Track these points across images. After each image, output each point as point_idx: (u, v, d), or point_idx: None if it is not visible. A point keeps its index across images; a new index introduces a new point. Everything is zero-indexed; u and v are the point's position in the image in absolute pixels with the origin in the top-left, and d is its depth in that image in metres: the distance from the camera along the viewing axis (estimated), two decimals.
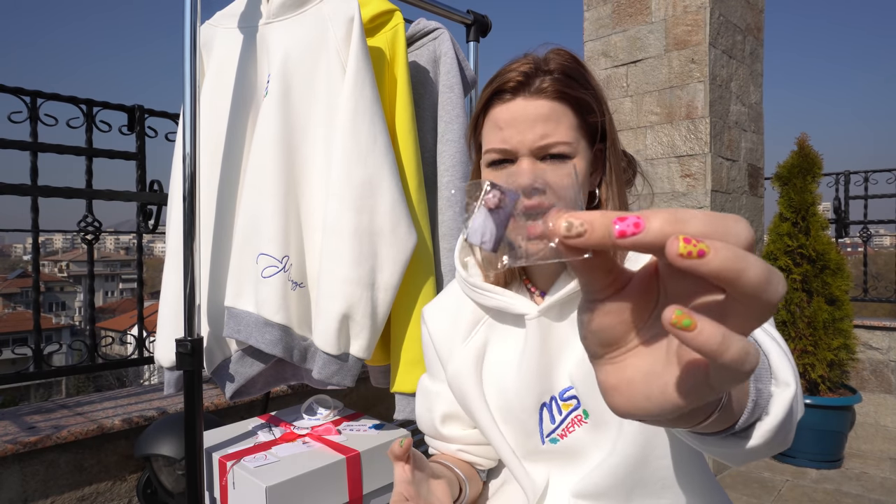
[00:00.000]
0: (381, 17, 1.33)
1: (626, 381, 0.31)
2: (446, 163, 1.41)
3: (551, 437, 0.77)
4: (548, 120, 0.70)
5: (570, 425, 0.77)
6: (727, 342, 0.24)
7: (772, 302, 0.25)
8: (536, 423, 0.77)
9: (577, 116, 0.72)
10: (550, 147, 0.70)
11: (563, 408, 0.77)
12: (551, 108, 0.70)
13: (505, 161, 0.73)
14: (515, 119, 0.70)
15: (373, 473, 1.22)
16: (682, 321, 0.24)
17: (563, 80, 0.71)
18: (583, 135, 0.73)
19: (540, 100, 0.70)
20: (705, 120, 2.84)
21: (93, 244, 1.78)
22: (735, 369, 0.25)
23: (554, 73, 0.71)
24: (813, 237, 3.11)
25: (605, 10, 3.18)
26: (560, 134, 0.70)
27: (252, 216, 1.21)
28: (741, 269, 0.24)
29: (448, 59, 1.44)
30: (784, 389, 0.44)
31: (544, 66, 0.72)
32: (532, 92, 0.70)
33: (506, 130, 0.71)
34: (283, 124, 1.21)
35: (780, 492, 2.74)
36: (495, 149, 0.72)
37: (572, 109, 0.72)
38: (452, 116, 1.41)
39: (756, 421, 0.44)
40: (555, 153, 0.71)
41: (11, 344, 21.56)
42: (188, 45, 1.11)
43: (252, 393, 1.37)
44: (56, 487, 1.42)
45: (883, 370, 3.27)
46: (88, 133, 1.75)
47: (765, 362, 0.45)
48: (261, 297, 1.18)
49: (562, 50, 0.75)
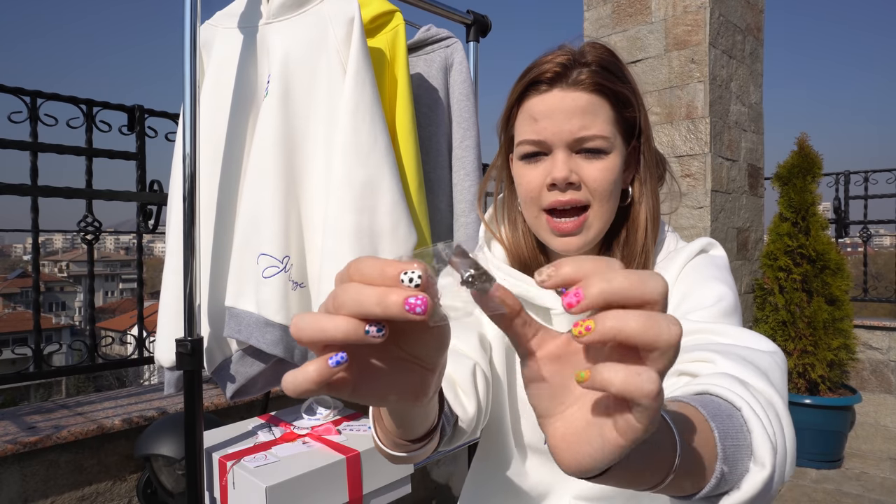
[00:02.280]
0: (382, 17, 1.34)
1: (572, 432, 0.33)
2: (467, 167, 1.47)
3: None
4: (585, 112, 0.68)
5: None
6: (627, 382, 0.28)
7: (667, 345, 0.29)
8: None
9: (614, 110, 0.70)
10: (587, 140, 0.68)
11: None
12: (589, 101, 0.68)
13: (539, 153, 0.71)
14: (552, 110, 0.68)
15: (373, 473, 1.22)
16: (578, 376, 0.30)
17: (600, 72, 0.69)
18: (619, 130, 0.71)
19: (577, 91, 0.68)
20: (705, 120, 2.84)
21: (93, 244, 1.78)
22: (640, 403, 0.28)
23: (591, 65, 0.69)
24: (813, 237, 3.11)
25: (605, 10, 3.18)
26: (597, 127, 0.68)
27: (252, 216, 1.22)
28: (620, 328, 0.29)
29: (463, 69, 1.50)
30: (760, 470, 0.44)
31: (581, 58, 0.69)
32: (570, 83, 0.68)
33: (541, 122, 0.69)
34: (284, 124, 1.21)
35: (780, 492, 2.74)
36: (529, 140, 0.70)
37: (609, 103, 0.70)
38: (471, 123, 1.48)
39: (725, 493, 0.44)
40: (591, 147, 0.69)
41: (11, 344, 21.56)
42: (188, 45, 1.11)
43: (252, 393, 1.37)
44: (56, 487, 1.42)
45: (883, 370, 3.27)
46: (88, 133, 1.74)
47: (746, 439, 0.45)
48: (262, 297, 1.18)
49: (597, 43, 0.73)
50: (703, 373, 0.53)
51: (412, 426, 0.46)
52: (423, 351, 0.35)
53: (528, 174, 0.71)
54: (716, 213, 2.88)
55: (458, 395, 0.62)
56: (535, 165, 0.71)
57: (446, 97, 1.52)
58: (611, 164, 0.69)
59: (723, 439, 0.43)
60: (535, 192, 0.71)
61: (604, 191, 0.69)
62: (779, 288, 3.15)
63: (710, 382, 0.50)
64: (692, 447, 0.40)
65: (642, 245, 0.73)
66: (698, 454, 0.40)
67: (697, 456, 0.40)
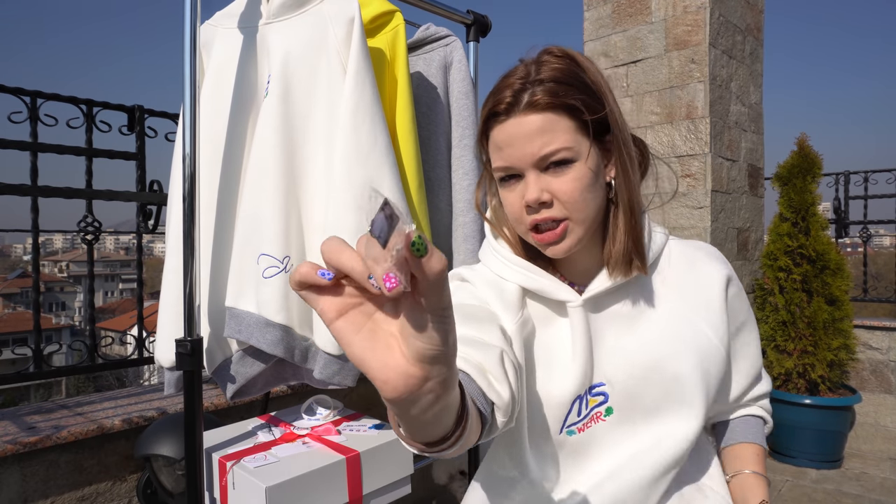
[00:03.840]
0: (382, 17, 1.34)
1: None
2: (465, 167, 1.47)
3: (569, 429, 0.78)
4: (544, 131, 0.71)
5: (591, 420, 0.77)
6: None
7: None
8: (565, 414, 0.77)
9: (572, 119, 0.72)
10: (551, 155, 0.71)
11: (590, 402, 0.77)
12: (544, 120, 0.71)
13: (513, 177, 0.74)
14: (512, 137, 0.72)
15: (373, 473, 1.22)
16: None
17: (553, 87, 0.70)
18: (584, 134, 0.72)
19: (532, 115, 0.71)
20: (705, 120, 2.84)
21: (93, 244, 1.78)
22: None
23: (545, 82, 0.71)
24: (813, 237, 3.11)
25: (605, 10, 3.18)
26: (559, 141, 0.71)
27: (253, 216, 1.21)
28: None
29: (462, 67, 1.50)
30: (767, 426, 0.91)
31: (535, 76, 0.71)
32: (523, 108, 0.71)
33: (505, 150, 0.73)
34: (284, 124, 1.21)
35: (780, 492, 2.74)
36: (500, 167, 0.74)
37: (567, 114, 0.71)
38: (469, 122, 1.48)
39: None
40: (557, 160, 0.71)
41: (11, 344, 21.55)
42: (188, 44, 1.11)
43: (252, 393, 1.37)
44: (56, 487, 1.42)
45: (883, 370, 3.27)
46: (88, 133, 1.75)
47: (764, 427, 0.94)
48: (262, 297, 1.18)
49: (553, 50, 0.75)
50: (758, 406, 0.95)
51: (421, 430, 0.45)
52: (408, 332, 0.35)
53: (508, 197, 0.76)
54: (716, 213, 2.88)
55: (491, 382, 0.63)
56: (512, 188, 0.75)
57: (445, 96, 1.52)
58: (580, 173, 0.72)
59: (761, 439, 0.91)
60: (517, 213, 0.75)
61: (576, 201, 0.72)
62: (779, 288, 3.15)
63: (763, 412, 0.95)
64: None
65: (628, 230, 0.76)
66: None
67: None
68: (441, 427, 0.46)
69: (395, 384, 0.35)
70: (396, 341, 0.35)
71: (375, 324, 0.36)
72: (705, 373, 0.78)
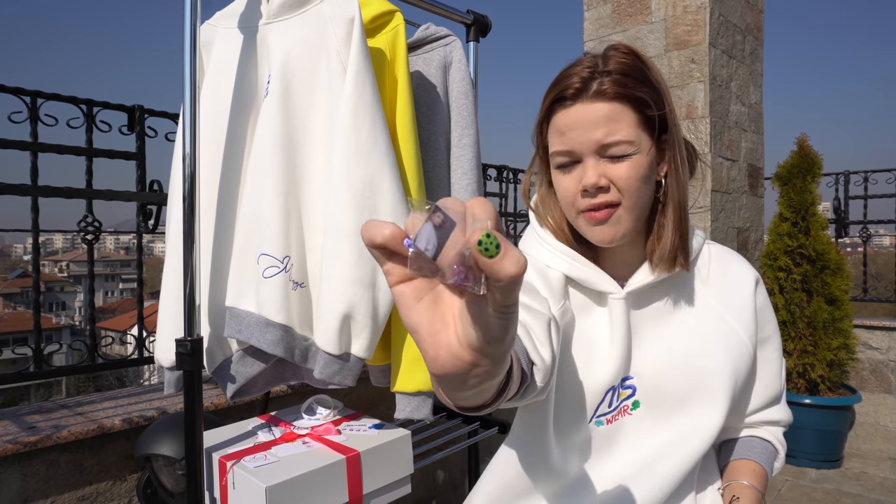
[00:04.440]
0: (382, 17, 1.34)
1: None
2: (465, 166, 1.46)
3: (598, 419, 0.80)
4: (609, 121, 0.73)
5: (619, 413, 0.80)
6: None
7: None
8: (597, 403, 0.79)
9: (636, 113, 0.74)
10: (612, 146, 0.73)
11: (620, 395, 0.80)
12: (611, 109, 0.73)
13: (571, 163, 0.76)
14: (577, 123, 0.73)
15: (373, 473, 1.22)
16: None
17: (621, 79, 0.73)
18: (644, 130, 0.75)
19: (599, 102, 0.73)
20: (705, 120, 2.84)
21: (93, 244, 1.78)
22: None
23: (612, 73, 0.73)
24: (813, 237, 3.11)
25: (605, 10, 3.18)
26: (621, 133, 0.73)
27: (253, 216, 1.22)
28: None
29: (461, 66, 1.50)
30: (778, 458, 0.93)
31: (602, 67, 0.73)
32: (591, 96, 0.73)
33: (567, 135, 0.74)
34: (284, 124, 1.21)
35: (779, 491, 2.74)
36: (560, 151, 0.76)
37: (632, 107, 0.74)
38: (469, 122, 1.47)
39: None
40: (617, 153, 0.74)
41: (11, 344, 21.54)
42: (188, 44, 1.11)
43: (252, 392, 1.37)
44: (56, 487, 1.42)
45: (883, 370, 3.27)
46: (88, 133, 1.74)
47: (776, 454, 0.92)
48: (262, 297, 1.18)
49: (620, 46, 0.77)
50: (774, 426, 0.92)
51: (459, 398, 0.45)
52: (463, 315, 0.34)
53: (564, 182, 0.77)
54: (716, 213, 2.88)
55: (535, 344, 0.65)
56: (568, 174, 0.77)
57: (445, 96, 1.52)
58: (638, 163, 0.74)
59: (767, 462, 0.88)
60: (571, 197, 0.77)
61: (632, 188, 0.75)
62: (779, 288, 3.15)
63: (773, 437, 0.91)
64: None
65: (676, 226, 0.78)
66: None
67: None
68: (481, 398, 0.46)
69: (443, 363, 0.34)
70: (454, 319, 0.34)
71: (437, 296, 0.34)
72: (735, 370, 0.80)
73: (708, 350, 0.79)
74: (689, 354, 0.79)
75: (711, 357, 0.79)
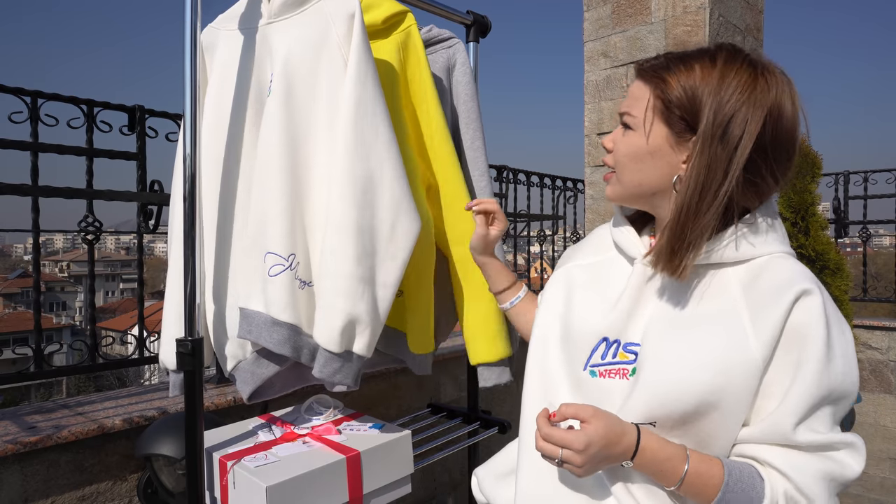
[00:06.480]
0: (394, 17, 1.35)
1: None
2: (480, 168, 1.52)
3: (592, 369, 0.82)
4: (634, 96, 0.82)
5: (614, 372, 0.81)
6: None
7: None
8: (589, 351, 0.83)
9: (655, 96, 0.79)
10: (622, 116, 0.83)
11: (620, 356, 0.81)
12: (638, 86, 0.82)
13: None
14: (629, 94, 0.85)
15: (373, 473, 1.22)
16: None
17: (662, 63, 0.80)
18: (660, 117, 0.79)
19: (637, 80, 0.83)
20: None
21: (93, 244, 1.78)
22: None
23: (661, 58, 0.80)
24: (812, 237, 3.11)
25: (604, 10, 3.18)
26: (634, 108, 0.81)
27: (258, 215, 1.21)
28: None
29: (466, 70, 1.53)
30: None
31: (666, 54, 0.81)
32: (639, 73, 0.83)
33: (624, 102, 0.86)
34: (288, 122, 1.21)
35: None
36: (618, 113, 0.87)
37: (652, 89, 0.79)
38: (478, 125, 1.52)
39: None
40: (624, 122, 0.83)
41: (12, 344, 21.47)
42: (188, 45, 1.11)
43: (270, 395, 1.36)
44: (56, 487, 1.42)
45: (882, 370, 3.28)
46: (89, 133, 1.74)
47: None
48: (269, 296, 1.18)
49: (722, 45, 0.79)
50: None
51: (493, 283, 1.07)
52: None
53: None
54: None
55: None
56: None
57: (450, 98, 1.53)
58: (634, 140, 0.81)
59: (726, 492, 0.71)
60: None
61: (619, 161, 0.84)
62: None
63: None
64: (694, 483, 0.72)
65: (670, 227, 0.77)
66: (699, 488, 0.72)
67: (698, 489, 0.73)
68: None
69: None
70: None
71: None
72: (726, 382, 0.72)
73: (711, 362, 0.73)
74: (695, 362, 0.73)
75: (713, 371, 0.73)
